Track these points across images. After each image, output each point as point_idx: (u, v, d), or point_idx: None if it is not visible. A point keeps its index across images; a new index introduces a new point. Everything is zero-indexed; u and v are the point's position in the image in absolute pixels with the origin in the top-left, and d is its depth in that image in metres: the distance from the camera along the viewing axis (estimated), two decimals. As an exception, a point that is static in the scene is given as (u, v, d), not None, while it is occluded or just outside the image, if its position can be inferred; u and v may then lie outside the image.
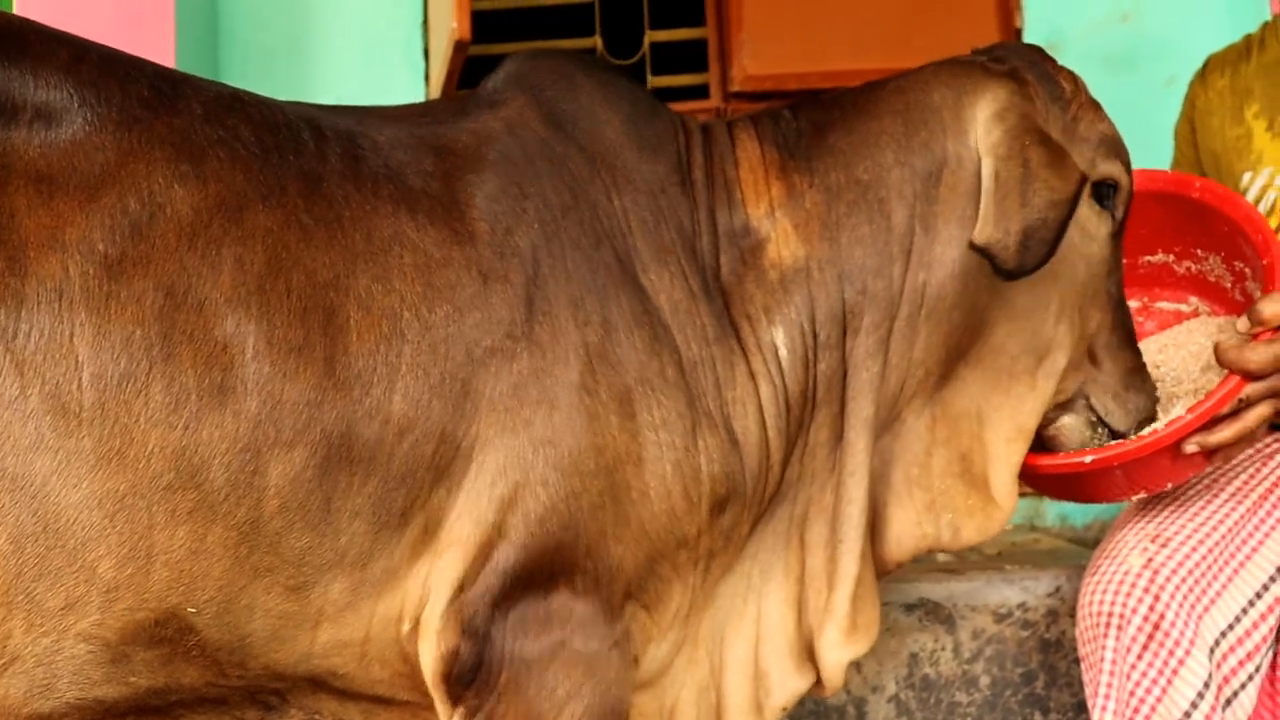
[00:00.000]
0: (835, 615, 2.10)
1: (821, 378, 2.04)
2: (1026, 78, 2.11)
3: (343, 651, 1.79)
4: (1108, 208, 2.16)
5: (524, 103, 2.02)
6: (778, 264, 2.02)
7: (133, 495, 1.59)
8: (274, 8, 4.23)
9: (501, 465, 1.77)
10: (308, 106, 1.92)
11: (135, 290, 1.61)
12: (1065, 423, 2.21)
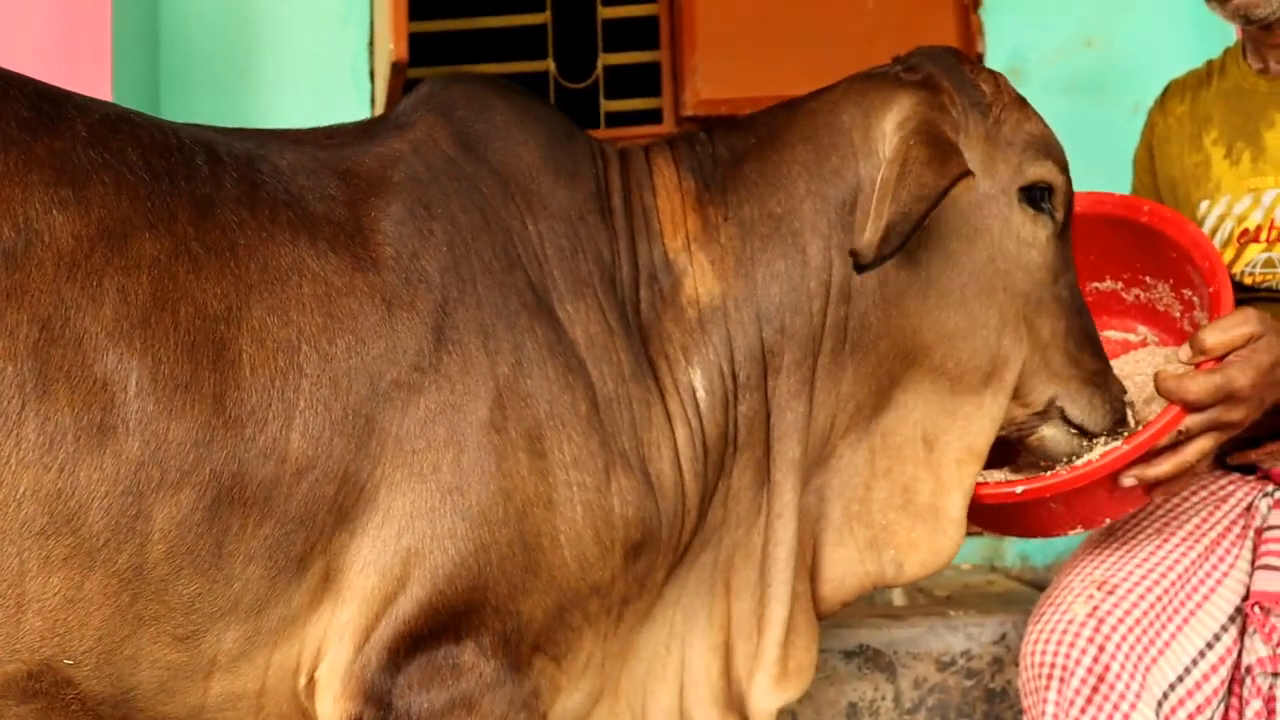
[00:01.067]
0: (765, 661, 2.08)
1: (743, 420, 2.01)
2: (941, 84, 2.09)
3: (237, 705, 1.75)
4: (1044, 209, 2.11)
5: (433, 123, 2.00)
6: (695, 302, 2.00)
7: (2, 540, 1.55)
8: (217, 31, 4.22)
9: (409, 514, 1.74)
10: (206, 129, 1.88)
11: (7, 323, 1.56)
12: (1046, 434, 2.17)
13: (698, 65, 4.11)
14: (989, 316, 2.06)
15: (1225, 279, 2.25)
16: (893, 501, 2.12)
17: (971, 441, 2.11)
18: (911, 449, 2.12)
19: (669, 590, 2.06)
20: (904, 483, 2.11)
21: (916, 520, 2.12)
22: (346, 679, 1.75)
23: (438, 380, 1.78)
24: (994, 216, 2.08)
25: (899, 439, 2.11)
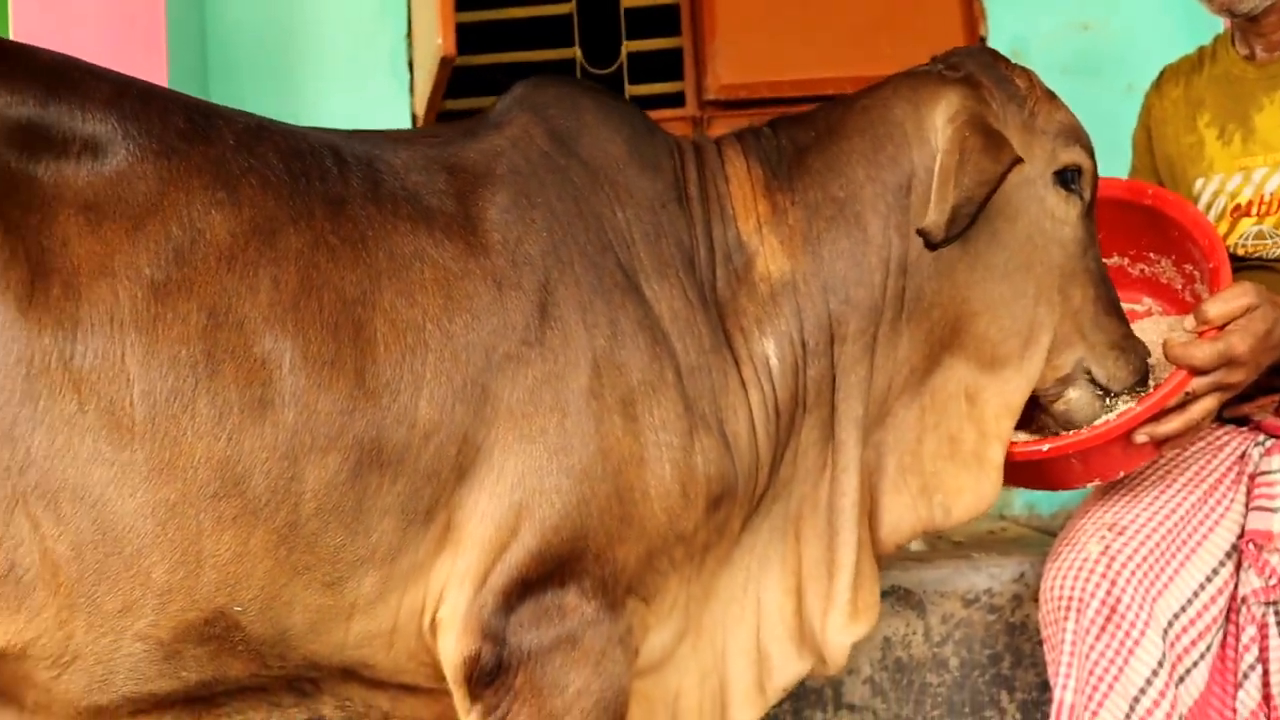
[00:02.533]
0: (837, 601, 2.21)
1: (811, 383, 2.15)
2: (981, 81, 2.23)
3: (372, 642, 1.89)
4: (1074, 190, 2.26)
5: (528, 121, 2.12)
6: (767, 278, 2.13)
7: (182, 504, 1.69)
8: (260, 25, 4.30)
9: (520, 472, 1.87)
10: (327, 133, 2.03)
11: (180, 311, 1.71)
12: (1071, 396, 2.30)
13: (718, 51, 4.21)
14: (1028, 286, 2.21)
15: (1224, 255, 2.40)
16: (941, 452, 2.26)
17: (1009, 398, 2.24)
18: (956, 405, 2.25)
19: (745, 538, 2.17)
20: (950, 434, 2.25)
21: (962, 468, 2.26)
22: (466, 619, 1.87)
23: (543, 352, 1.90)
24: (1032, 198, 2.22)
25: (945, 396, 2.25)
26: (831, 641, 2.21)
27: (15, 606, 1.65)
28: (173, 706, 1.88)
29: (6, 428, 1.61)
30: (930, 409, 2.27)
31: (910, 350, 2.21)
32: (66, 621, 1.68)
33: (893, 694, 2.97)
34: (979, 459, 2.26)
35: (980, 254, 2.19)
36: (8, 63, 1.76)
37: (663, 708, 2.19)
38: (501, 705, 1.90)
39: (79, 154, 1.75)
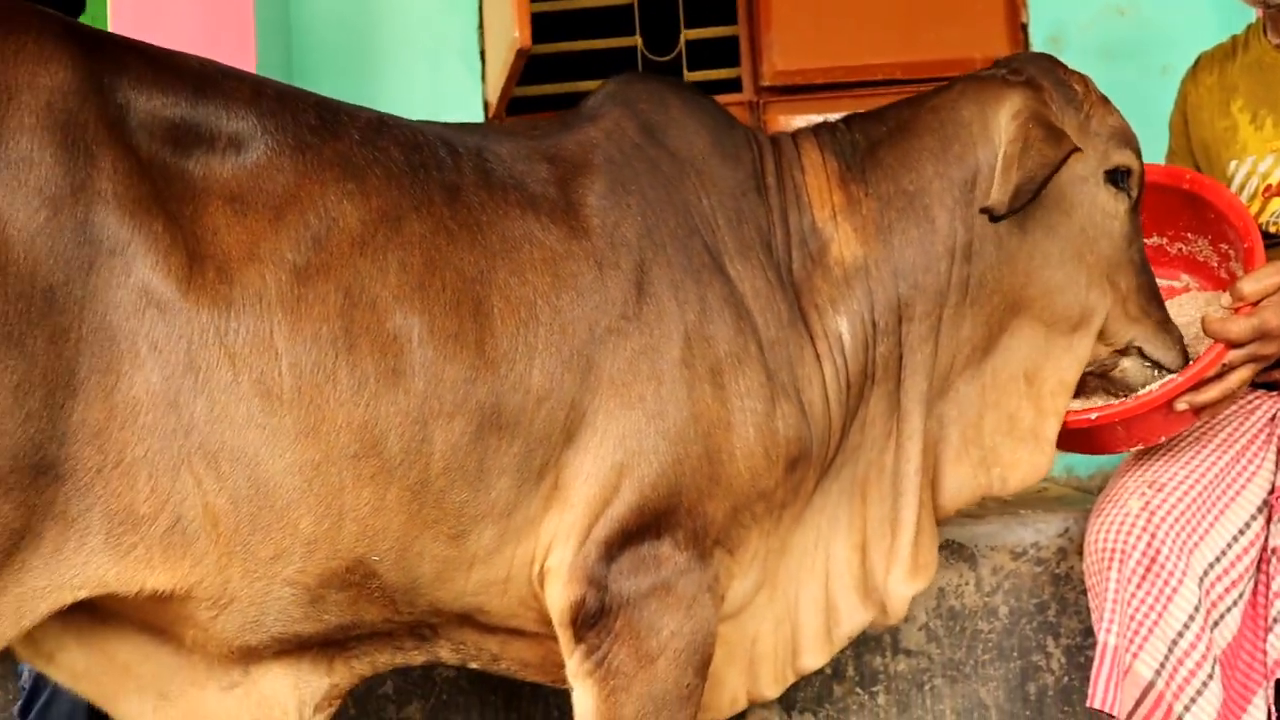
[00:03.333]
0: (900, 558, 2.30)
1: (880, 359, 2.24)
2: (1042, 84, 2.30)
3: (489, 589, 1.99)
4: (1123, 188, 2.33)
5: (620, 114, 2.21)
6: (841, 262, 2.22)
7: (326, 463, 1.79)
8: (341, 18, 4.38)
9: (620, 435, 1.96)
10: (437, 126, 2.12)
11: (320, 292, 1.80)
12: (1126, 365, 2.40)
13: (773, 39, 4.25)
14: (1080, 275, 2.30)
15: (1258, 236, 2.47)
16: (1000, 428, 2.35)
17: (1063, 376, 2.35)
18: (1015, 385, 2.34)
19: (816, 499, 2.26)
20: (1009, 412, 2.35)
21: (1019, 443, 2.36)
22: (572, 569, 1.97)
23: (639, 326, 2.00)
24: (1085, 194, 2.31)
25: (1005, 376, 2.34)
26: (894, 594, 2.32)
27: (181, 554, 1.75)
28: (311, 649, 2.00)
29: (172, 397, 1.70)
30: (991, 387, 2.36)
31: (972, 331, 2.30)
32: (225, 567, 1.78)
33: (946, 640, 3.05)
34: (1035, 435, 2.36)
35: (1038, 244, 2.28)
36: (160, 67, 1.85)
37: (741, 651, 2.28)
38: (603, 646, 2.00)
39: (224, 150, 1.84)
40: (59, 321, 1.64)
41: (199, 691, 2.00)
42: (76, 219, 1.66)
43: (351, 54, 4.35)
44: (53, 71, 1.70)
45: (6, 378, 1.58)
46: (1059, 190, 2.27)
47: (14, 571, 1.65)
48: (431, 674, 3.06)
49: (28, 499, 1.63)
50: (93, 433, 1.67)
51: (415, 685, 3.06)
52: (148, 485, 1.71)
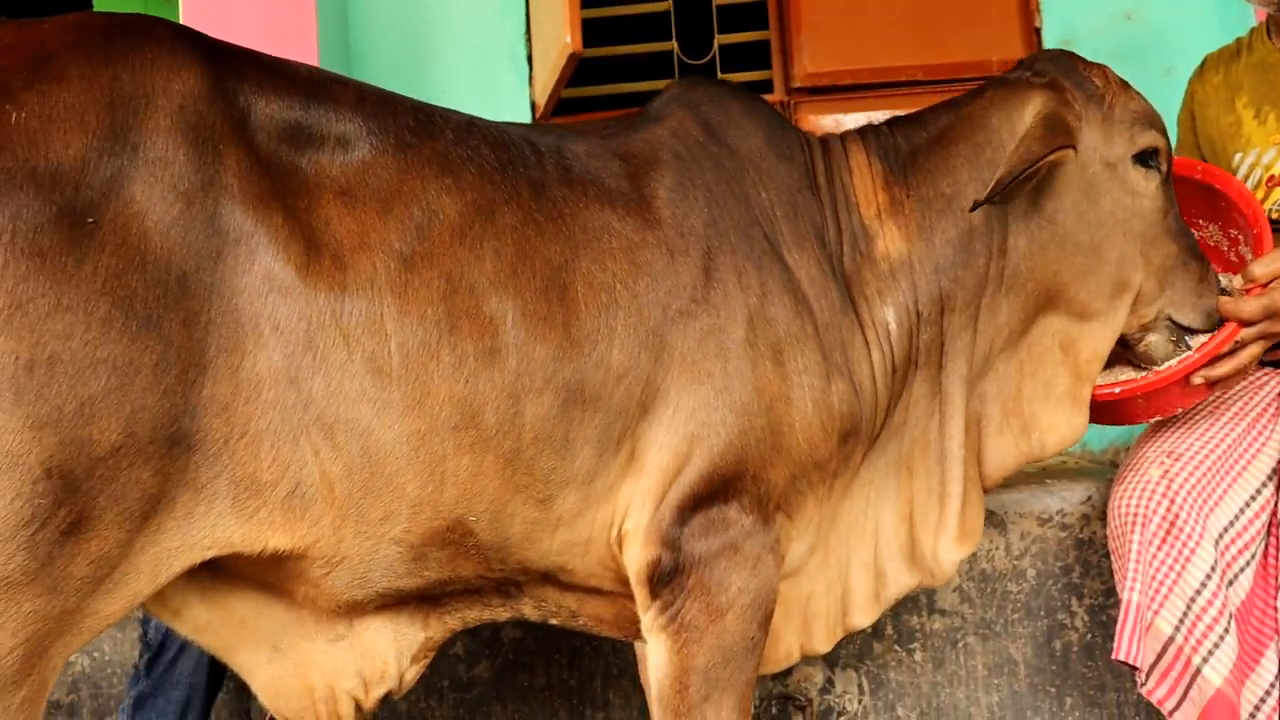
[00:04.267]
0: (948, 526, 2.36)
1: (923, 346, 2.29)
2: (1063, 84, 2.34)
3: (571, 550, 2.05)
4: (1153, 166, 2.36)
5: (683, 115, 2.26)
6: (887, 257, 2.28)
7: (430, 434, 1.84)
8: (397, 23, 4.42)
9: (691, 408, 2.01)
10: (518, 126, 2.18)
11: (424, 279, 1.86)
12: (1151, 339, 2.43)
13: (804, 43, 4.28)
14: (1112, 255, 2.34)
15: (1266, 223, 2.53)
16: (1037, 394, 2.39)
17: (1097, 346, 2.38)
18: (1051, 355, 2.38)
19: (863, 472, 2.32)
20: (1045, 379, 2.39)
21: (1056, 407, 2.39)
22: (648, 531, 2.03)
23: (707, 309, 2.05)
24: (1114, 180, 2.33)
25: (1041, 348, 2.38)
26: (943, 559, 2.37)
27: (300, 516, 1.81)
28: (409, 604, 2.07)
29: (292, 374, 1.76)
30: (1028, 360, 2.40)
31: (1009, 317, 2.36)
32: (339, 528, 1.85)
33: (978, 600, 3.12)
34: (1072, 397, 2.40)
35: (1069, 233, 2.33)
36: (275, 74, 1.91)
37: (796, 609, 2.34)
38: (676, 602, 2.05)
39: (333, 149, 1.89)
40: (191, 306, 1.69)
41: (308, 644, 2.07)
42: (206, 212, 1.72)
43: (406, 57, 4.40)
44: (184, 78, 1.77)
45: (147, 357, 1.64)
46: (1086, 181, 2.32)
47: (150, 533, 1.71)
48: (499, 635, 3.14)
49: (164, 467, 1.69)
50: (220, 407, 1.73)
51: (484, 646, 3.15)
52: (270, 454, 1.77)
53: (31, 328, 1.56)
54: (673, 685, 2.10)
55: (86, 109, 1.67)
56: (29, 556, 1.58)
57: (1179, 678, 2.46)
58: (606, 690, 3.14)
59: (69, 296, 1.59)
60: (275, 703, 2.11)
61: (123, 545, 1.68)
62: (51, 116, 1.65)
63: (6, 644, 1.59)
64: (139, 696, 2.79)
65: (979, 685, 3.11)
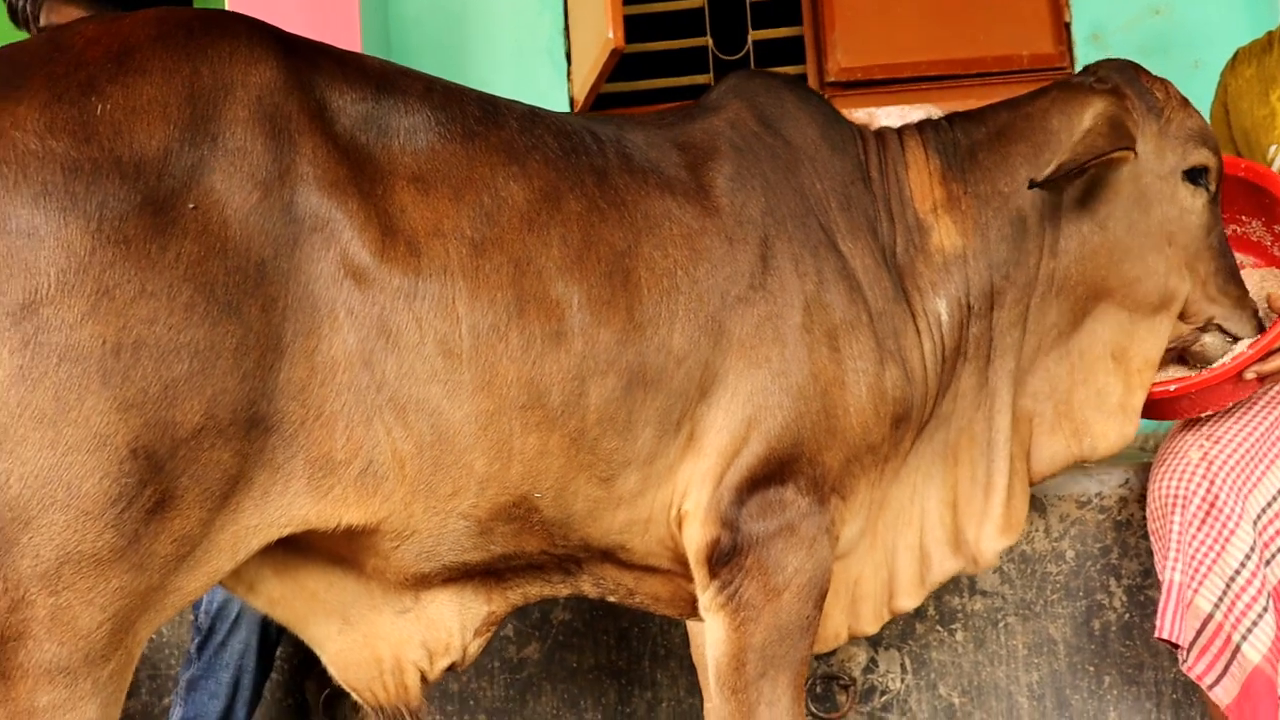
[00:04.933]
0: (991, 516, 2.38)
1: (973, 338, 2.31)
2: (1126, 92, 2.35)
3: (632, 528, 2.07)
4: (1202, 184, 2.38)
5: (740, 106, 2.27)
6: (941, 250, 2.29)
7: (498, 413, 1.85)
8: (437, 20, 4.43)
9: (749, 392, 2.03)
10: (576, 116, 2.18)
11: (494, 263, 1.87)
12: (1206, 340, 2.45)
13: (837, 39, 4.30)
14: (1159, 265, 2.35)
15: None
16: (1090, 403, 2.41)
17: (1148, 355, 2.40)
18: (1103, 364, 2.40)
19: (911, 459, 2.33)
20: (1098, 389, 2.40)
21: (1109, 417, 2.41)
22: (707, 511, 2.05)
23: (765, 295, 2.06)
24: (1165, 192, 2.35)
25: (1092, 356, 2.40)
26: (985, 549, 2.39)
27: (373, 493, 1.82)
28: (473, 578, 2.08)
29: (366, 356, 1.77)
30: (1079, 366, 2.42)
31: (1058, 317, 2.37)
32: (410, 504, 1.85)
33: (1019, 581, 3.13)
34: (1124, 408, 2.42)
35: (1119, 240, 2.34)
36: (347, 66, 1.92)
37: (845, 590, 2.36)
38: (735, 581, 2.07)
39: (404, 138, 1.89)
40: (269, 291, 1.70)
41: (376, 615, 2.09)
42: (283, 200, 1.73)
43: (446, 52, 4.44)
44: (261, 71, 1.78)
45: (228, 342, 1.65)
46: (1138, 190, 2.34)
47: (230, 511, 1.73)
48: (548, 617, 3.18)
49: (243, 448, 1.70)
50: (297, 389, 1.74)
51: (533, 628, 3.18)
52: (344, 435, 1.78)
53: (118, 313, 1.58)
54: (730, 663, 2.11)
55: (168, 101, 1.68)
56: (117, 534, 1.60)
57: (1219, 654, 2.48)
58: (654, 670, 3.16)
59: (153, 283, 1.60)
60: (344, 673, 2.14)
61: (204, 524, 1.70)
62: (135, 108, 1.66)
63: (96, 619, 1.61)
64: (191, 679, 2.83)
65: (1019, 664, 3.12)
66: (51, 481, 1.56)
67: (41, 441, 1.55)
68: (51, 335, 1.55)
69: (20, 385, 1.54)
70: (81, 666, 1.62)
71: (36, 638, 1.58)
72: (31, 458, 1.55)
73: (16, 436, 1.54)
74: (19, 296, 1.54)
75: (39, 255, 1.55)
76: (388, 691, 2.14)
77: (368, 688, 2.14)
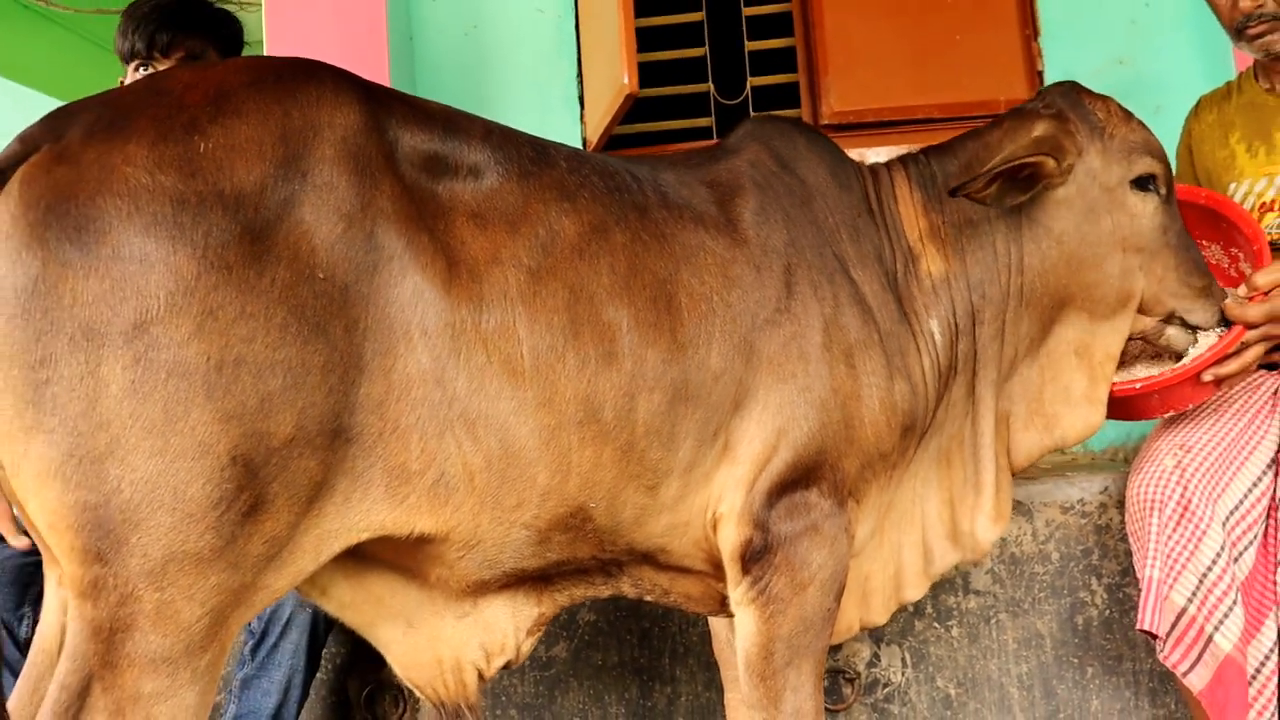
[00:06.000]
0: (984, 510, 2.43)
1: (961, 354, 2.37)
2: (1069, 115, 2.40)
3: (672, 532, 2.11)
4: (1151, 190, 2.41)
5: (758, 149, 2.34)
6: (929, 276, 2.36)
7: (558, 428, 1.89)
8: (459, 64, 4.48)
9: (778, 404, 2.08)
10: (614, 159, 2.23)
11: (550, 290, 1.91)
12: (1170, 333, 2.50)
13: (830, 85, 4.36)
14: (1114, 269, 2.40)
15: (1265, 240, 2.61)
16: (1058, 398, 2.47)
17: (1109, 349, 2.46)
18: (1068, 360, 2.46)
19: (912, 466, 2.38)
20: (1064, 384, 2.46)
21: (1075, 408, 2.46)
22: (740, 513, 2.09)
23: (789, 317, 2.12)
24: (1113, 203, 2.39)
25: (1058, 355, 2.45)
26: (981, 538, 2.44)
27: (444, 502, 1.86)
28: (525, 583, 2.12)
29: (438, 374, 1.81)
30: (1048, 366, 2.46)
31: (1030, 327, 2.43)
32: (477, 514, 1.89)
33: (1008, 581, 3.18)
34: (1089, 399, 2.47)
35: (1074, 253, 2.39)
36: (416, 110, 1.98)
37: (856, 585, 2.41)
38: (765, 577, 2.12)
39: (465, 176, 1.95)
40: (351, 314, 1.75)
41: (438, 620, 2.12)
42: (365, 231, 1.78)
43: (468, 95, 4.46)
44: (345, 113, 1.83)
45: (316, 359, 1.70)
46: (1087, 204, 2.40)
47: (314, 516, 1.77)
48: (575, 618, 3.22)
49: (327, 458, 1.74)
50: (375, 404, 1.78)
51: (561, 628, 3.23)
52: (419, 446, 1.82)
53: (221, 332, 1.62)
54: (759, 652, 2.15)
55: (264, 140, 1.74)
56: (216, 535, 1.64)
57: (1192, 644, 2.52)
58: (674, 667, 3.21)
59: (251, 305, 1.65)
60: (408, 672, 2.17)
61: (291, 527, 1.74)
62: (234, 146, 1.72)
63: (195, 613, 1.65)
64: (245, 678, 2.89)
65: (1010, 657, 3.18)
66: (160, 486, 1.60)
67: (151, 450, 1.60)
68: (161, 352, 1.60)
69: (132, 398, 1.58)
70: (182, 657, 1.66)
71: (143, 630, 1.63)
72: (141, 465, 1.59)
73: (128, 445, 1.59)
74: (131, 317, 1.59)
75: (150, 280, 1.60)
76: (448, 689, 2.18)
77: (430, 685, 2.18)
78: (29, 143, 1.69)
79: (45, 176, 1.63)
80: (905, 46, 4.39)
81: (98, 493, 1.59)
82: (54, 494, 1.60)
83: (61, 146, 1.67)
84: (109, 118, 1.72)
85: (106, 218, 1.61)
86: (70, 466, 1.58)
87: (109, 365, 1.58)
